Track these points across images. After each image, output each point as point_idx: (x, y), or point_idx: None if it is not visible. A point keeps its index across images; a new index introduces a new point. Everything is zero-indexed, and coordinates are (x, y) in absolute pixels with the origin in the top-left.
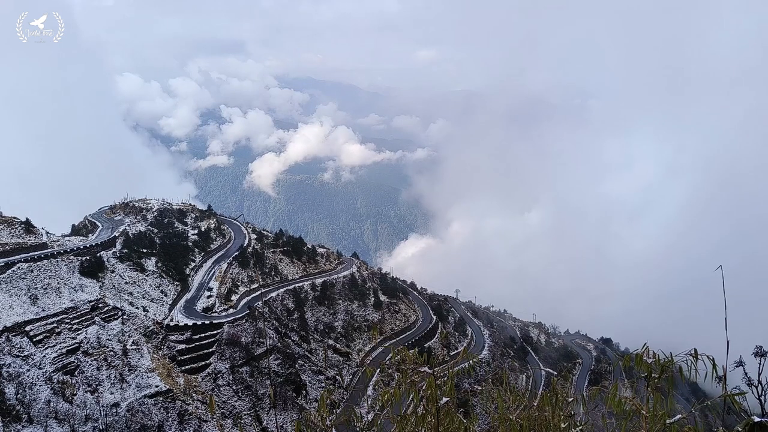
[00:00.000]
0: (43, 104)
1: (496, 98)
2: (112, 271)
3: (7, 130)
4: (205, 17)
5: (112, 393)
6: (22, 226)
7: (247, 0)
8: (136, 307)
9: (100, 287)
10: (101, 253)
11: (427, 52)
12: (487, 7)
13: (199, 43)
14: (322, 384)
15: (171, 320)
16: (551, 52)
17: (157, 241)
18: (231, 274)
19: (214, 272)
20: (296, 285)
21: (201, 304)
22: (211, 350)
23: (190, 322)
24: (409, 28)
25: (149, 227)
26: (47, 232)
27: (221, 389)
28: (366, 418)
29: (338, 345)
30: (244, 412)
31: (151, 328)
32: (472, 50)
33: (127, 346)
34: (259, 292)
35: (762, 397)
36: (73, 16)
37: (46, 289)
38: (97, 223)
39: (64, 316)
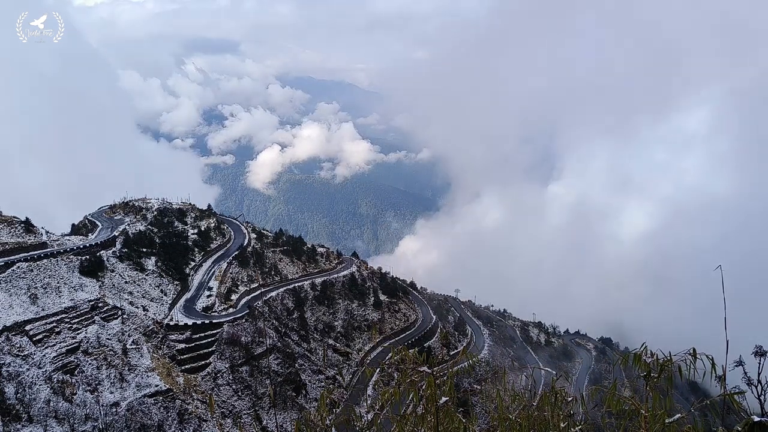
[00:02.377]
0: (52, 103)
1: (497, 96)
2: (112, 271)
3: (16, 131)
4: (194, 17)
5: (111, 392)
6: (22, 225)
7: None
8: (136, 307)
9: (99, 287)
10: (101, 252)
11: (427, 51)
12: (486, 6)
13: (192, 43)
14: (322, 383)
15: (171, 320)
16: (554, 49)
17: (157, 240)
18: (231, 273)
19: (214, 272)
20: (296, 284)
21: (201, 304)
22: (210, 350)
23: (189, 322)
24: (409, 26)
25: (149, 227)
26: (47, 232)
27: (221, 389)
28: (366, 418)
29: (338, 344)
30: (244, 412)
31: (150, 328)
32: (473, 48)
33: (127, 346)
34: (258, 292)
35: (762, 397)
36: (75, 14)
37: (45, 288)
38: (97, 222)
39: (63, 315)
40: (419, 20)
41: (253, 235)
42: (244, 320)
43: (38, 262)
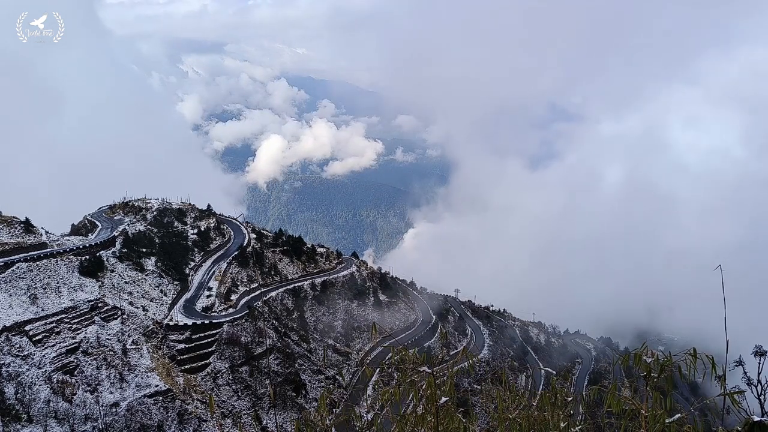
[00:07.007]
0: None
1: (498, 96)
2: (112, 271)
3: (17, 129)
4: (175, 19)
5: (111, 392)
6: (22, 225)
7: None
8: (136, 307)
9: (99, 287)
10: (101, 252)
11: (427, 50)
12: (486, 5)
13: (179, 43)
14: (322, 383)
15: (170, 320)
16: (553, 47)
17: (157, 240)
18: (230, 273)
19: (214, 272)
20: (296, 284)
21: (200, 304)
22: (210, 350)
23: (189, 322)
24: (408, 25)
25: (149, 227)
26: (47, 232)
27: (221, 389)
28: (366, 418)
29: (338, 344)
30: (244, 412)
31: (150, 328)
32: (473, 48)
33: (127, 346)
34: (258, 292)
35: (762, 397)
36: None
37: (45, 288)
38: (97, 222)
39: (63, 315)
40: (421, 19)
41: (253, 235)
42: (243, 320)
43: (38, 263)
